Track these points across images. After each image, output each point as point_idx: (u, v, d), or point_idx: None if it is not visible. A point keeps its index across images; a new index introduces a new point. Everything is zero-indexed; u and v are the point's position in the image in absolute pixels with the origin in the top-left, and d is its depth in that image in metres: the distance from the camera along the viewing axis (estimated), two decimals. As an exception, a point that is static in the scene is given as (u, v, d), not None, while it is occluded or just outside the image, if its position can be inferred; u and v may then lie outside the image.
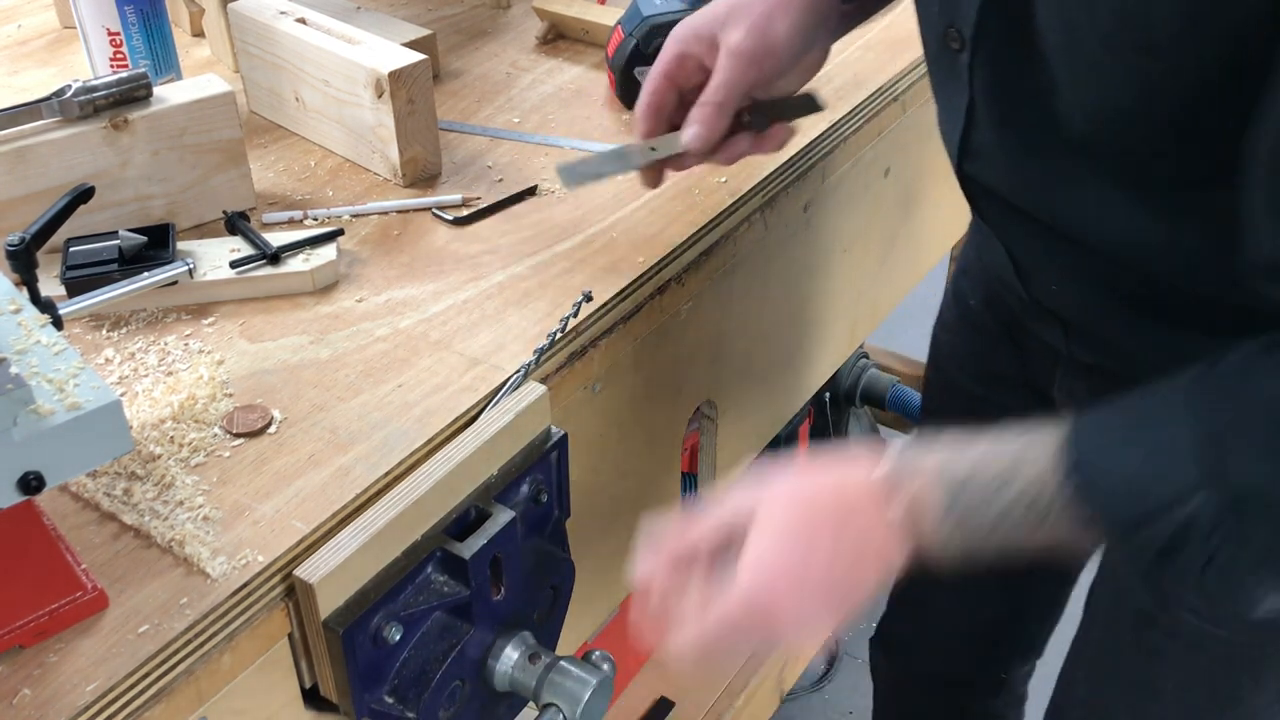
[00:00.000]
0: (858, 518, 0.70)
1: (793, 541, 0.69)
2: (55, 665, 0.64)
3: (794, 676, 1.83)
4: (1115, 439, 0.65)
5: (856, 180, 1.22)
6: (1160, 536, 0.63)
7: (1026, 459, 0.67)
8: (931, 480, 0.69)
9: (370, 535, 0.70)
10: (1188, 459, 0.62)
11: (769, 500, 0.71)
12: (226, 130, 0.99)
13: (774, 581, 0.69)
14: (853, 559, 0.70)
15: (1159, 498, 0.63)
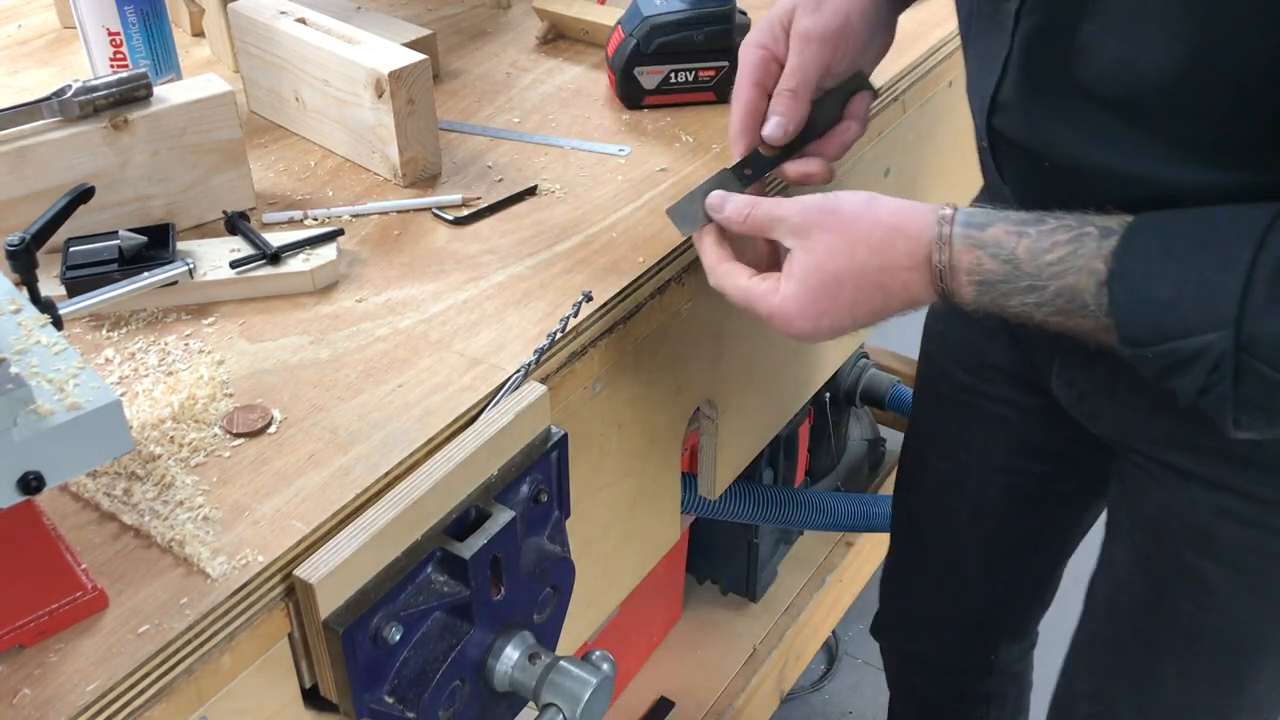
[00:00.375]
0: (896, 275, 0.77)
1: (825, 292, 0.77)
2: (55, 665, 0.64)
3: (794, 676, 1.84)
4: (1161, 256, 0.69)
5: (856, 180, 1.22)
6: (1169, 356, 0.69)
7: (1072, 265, 0.72)
8: (978, 259, 0.74)
9: (370, 535, 0.70)
10: (1227, 299, 0.67)
11: (821, 231, 0.78)
12: (226, 130, 0.99)
13: (799, 322, 0.79)
14: (879, 306, 0.78)
15: (1183, 324, 0.68)
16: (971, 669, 1.35)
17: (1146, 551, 0.97)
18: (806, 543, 1.87)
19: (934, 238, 0.75)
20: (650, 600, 1.65)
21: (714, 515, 1.53)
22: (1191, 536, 0.92)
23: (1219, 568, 0.91)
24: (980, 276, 0.75)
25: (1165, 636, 0.97)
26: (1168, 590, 0.95)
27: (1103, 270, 0.71)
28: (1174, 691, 0.99)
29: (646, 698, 1.65)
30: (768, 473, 1.70)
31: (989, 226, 0.75)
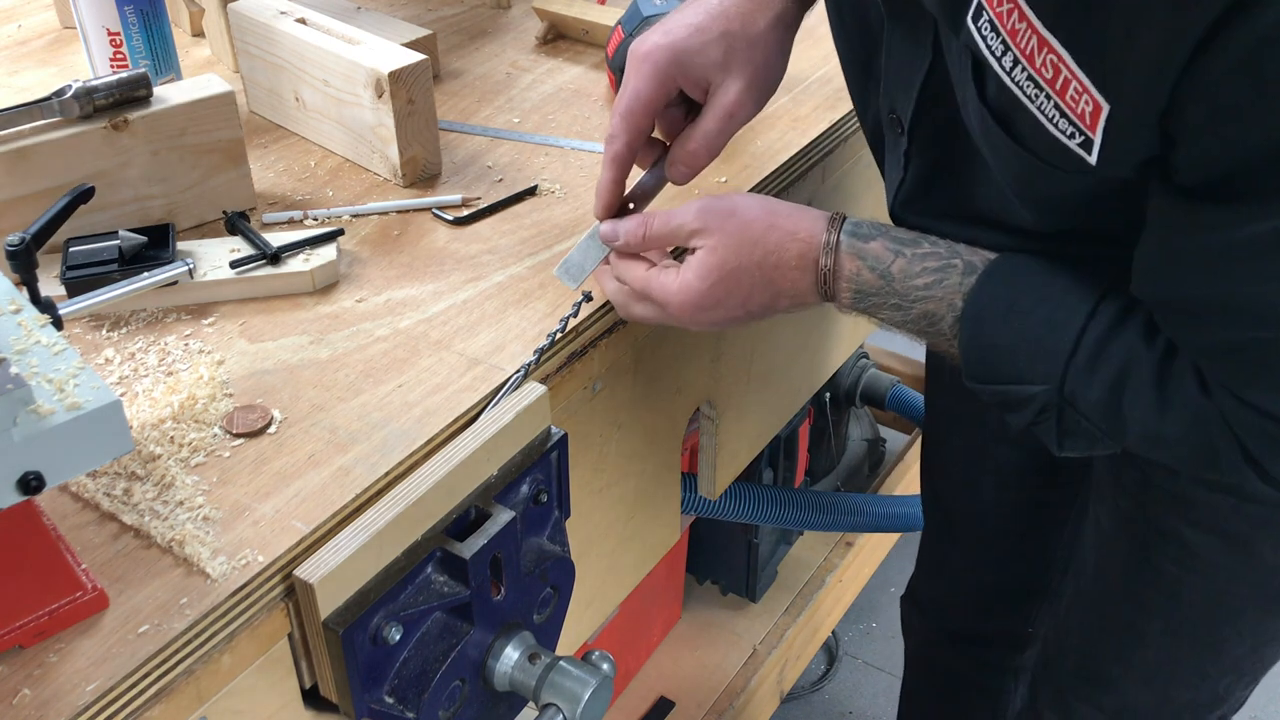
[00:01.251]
0: (785, 274, 0.83)
1: (720, 284, 0.82)
2: (55, 665, 0.64)
3: (794, 676, 1.84)
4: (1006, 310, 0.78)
5: (856, 180, 1.22)
6: (1003, 395, 0.79)
7: (934, 294, 0.80)
8: (857, 269, 0.81)
9: (370, 535, 0.70)
10: (1057, 359, 0.75)
11: (721, 233, 0.82)
12: (226, 130, 0.99)
13: (695, 310, 0.84)
14: (768, 302, 0.84)
15: (1016, 373, 0.78)
16: (1010, 641, 1.37)
17: (1130, 514, 0.99)
18: (806, 543, 1.87)
19: (822, 243, 0.82)
20: (650, 600, 1.65)
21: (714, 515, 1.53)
22: (1173, 502, 0.94)
23: (1199, 532, 0.94)
24: (857, 285, 0.82)
25: (1150, 595, 1.00)
26: (1152, 551, 0.98)
27: (959, 305, 0.79)
28: (1158, 649, 1.02)
29: (646, 698, 1.65)
30: (768, 473, 1.70)
31: (871, 240, 0.82)
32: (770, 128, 1.13)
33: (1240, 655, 1.00)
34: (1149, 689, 1.05)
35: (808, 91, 1.20)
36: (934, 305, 0.80)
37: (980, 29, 0.66)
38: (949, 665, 1.46)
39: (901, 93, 0.83)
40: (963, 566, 1.34)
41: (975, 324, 0.79)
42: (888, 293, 0.81)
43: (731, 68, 0.85)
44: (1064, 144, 0.66)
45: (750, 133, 1.13)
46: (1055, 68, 0.63)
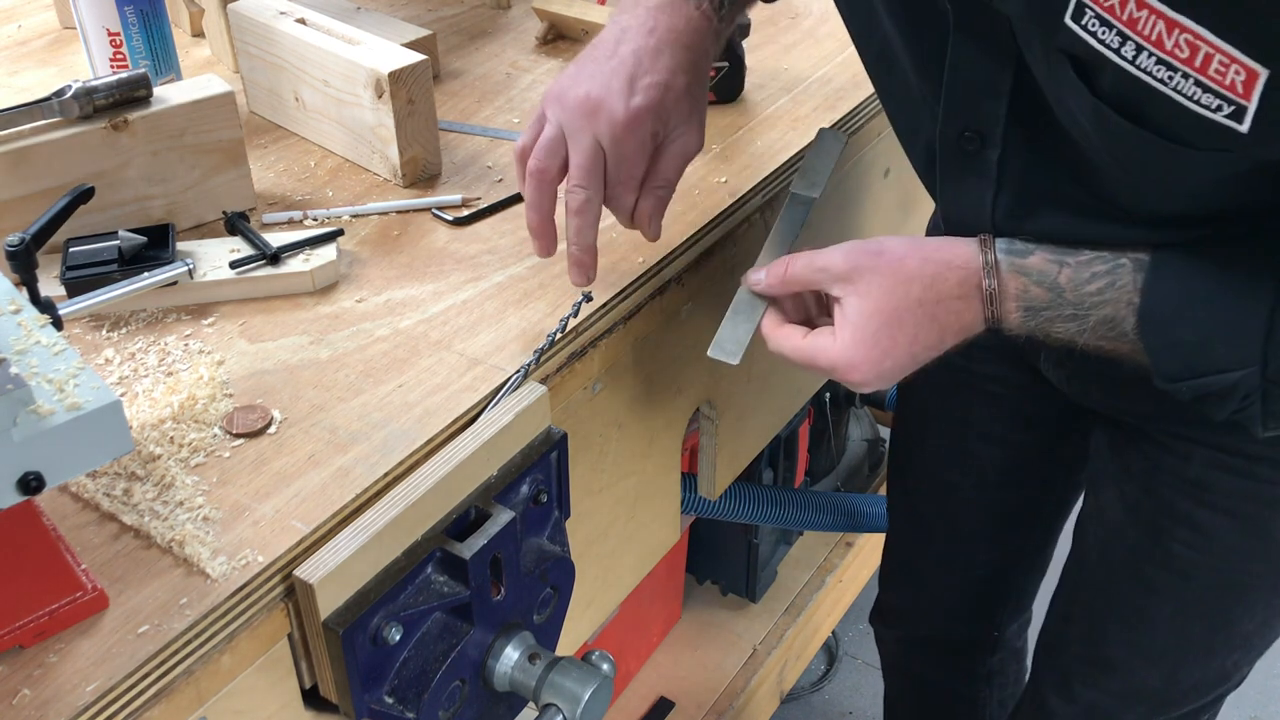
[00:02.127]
0: (950, 305, 0.79)
1: (884, 331, 0.79)
2: (55, 665, 0.64)
3: (794, 676, 1.84)
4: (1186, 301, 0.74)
5: (856, 180, 1.22)
6: (1202, 389, 0.75)
7: (1110, 296, 0.76)
8: (1024, 286, 0.78)
9: (370, 536, 0.70)
10: (1253, 340, 0.72)
11: (871, 273, 0.79)
12: (226, 130, 0.99)
13: (863, 366, 0.79)
14: (935, 340, 0.80)
15: (1213, 363, 0.74)
16: (976, 647, 1.37)
17: (1137, 499, 0.99)
18: (806, 543, 1.87)
19: (981, 265, 0.79)
20: (650, 600, 1.65)
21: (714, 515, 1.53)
22: (1184, 486, 0.95)
23: (1213, 513, 0.94)
24: (1027, 303, 0.78)
25: (1160, 578, 1.00)
26: (1163, 534, 0.98)
27: (1139, 302, 0.75)
28: (1167, 630, 1.02)
29: (646, 698, 1.65)
30: (768, 473, 1.70)
31: (1030, 254, 0.78)
32: (770, 128, 1.13)
33: (1249, 632, 1.01)
34: (1156, 670, 1.05)
35: (808, 91, 1.20)
36: (1112, 309, 0.76)
37: (1086, 26, 0.65)
38: (922, 674, 1.46)
39: (983, 103, 0.80)
40: (931, 571, 1.33)
41: (1157, 321, 0.75)
42: (1060, 304, 0.78)
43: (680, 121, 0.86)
44: (1209, 119, 0.63)
45: (750, 133, 1.13)
46: (1191, 46, 0.61)
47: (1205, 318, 0.74)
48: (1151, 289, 0.75)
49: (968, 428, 1.18)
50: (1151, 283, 0.75)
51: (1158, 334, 0.75)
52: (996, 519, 1.23)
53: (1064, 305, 0.77)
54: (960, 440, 1.20)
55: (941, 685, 1.44)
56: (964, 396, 1.17)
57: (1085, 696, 1.12)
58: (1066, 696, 1.13)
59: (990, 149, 0.81)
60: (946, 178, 0.86)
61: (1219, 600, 0.99)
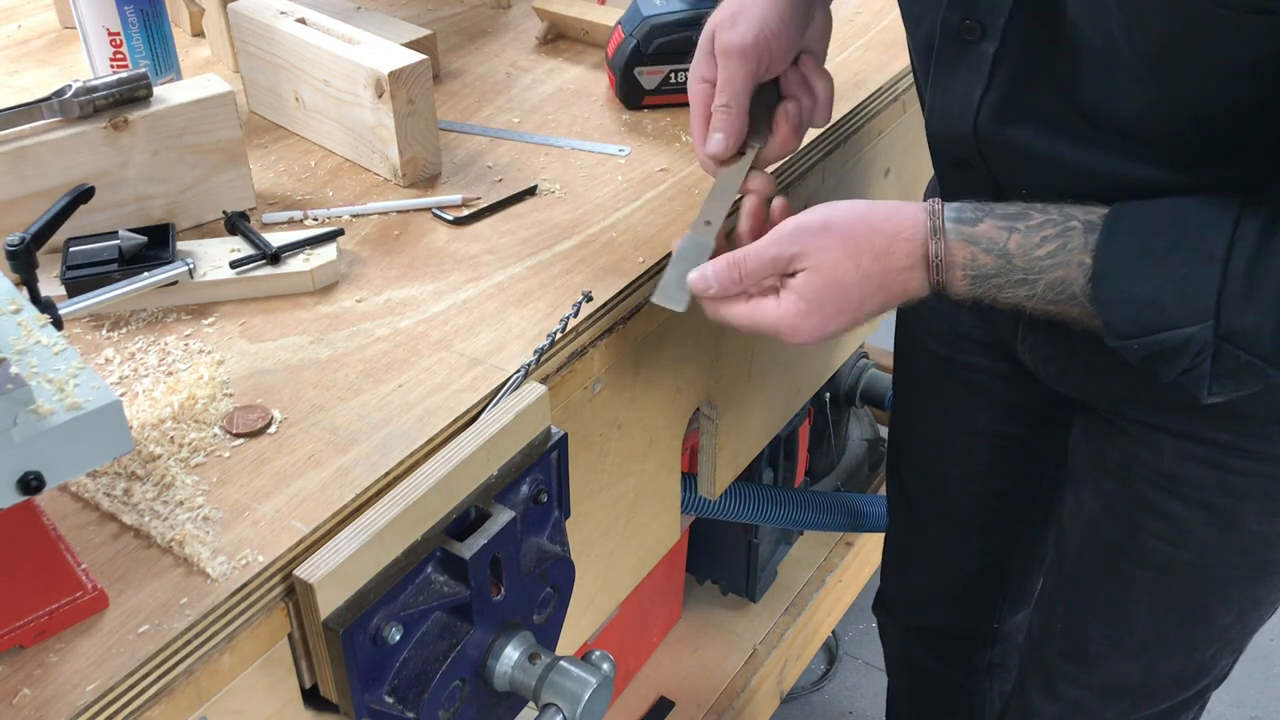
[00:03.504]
0: (896, 276, 0.80)
1: (831, 301, 0.81)
2: (55, 665, 0.64)
3: (794, 676, 1.84)
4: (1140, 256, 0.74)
5: (856, 180, 1.22)
6: (1153, 347, 0.75)
7: (1061, 259, 0.76)
8: (972, 254, 0.78)
9: (370, 535, 0.70)
10: (1206, 295, 0.72)
11: (819, 250, 0.80)
12: (226, 130, 0.99)
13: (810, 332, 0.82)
14: (879, 306, 0.82)
15: (1165, 319, 0.73)
16: (977, 638, 1.38)
17: (1113, 494, 1.00)
18: (806, 543, 1.87)
19: (927, 233, 0.79)
20: (650, 600, 1.65)
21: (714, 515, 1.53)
22: (1158, 479, 0.95)
23: (1187, 507, 0.95)
24: (974, 270, 0.79)
25: (1137, 573, 1.01)
26: (1139, 528, 0.98)
27: (1089, 264, 0.76)
28: (1145, 625, 1.03)
29: (646, 698, 1.65)
30: (768, 473, 1.70)
31: (979, 222, 0.79)
32: (770, 128, 1.13)
33: (1226, 624, 1.02)
34: (1136, 664, 1.06)
35: (808, 91, 1.20)
36: (1063, 271, 0.76)
37: None
38: (923, 666, 1.46)
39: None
40: (928, 563, 1.34)
41: (1110, 279, 0.75)
42: (1009, 270, 0.78)
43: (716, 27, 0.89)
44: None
45: (750, 133, 1.13)
46: None
47: (1158, 273, 0.73)
48: (1104, 247, 0.75)
49: (954, 420, 1.19)
50: (1104, 240, 0.75)
51: (1110, 290, 0.75)
52: (987, 510, 1.24)
53: (1013, 271, 0.78)
54: (947, 433, 1.21)
55: (942, 677, 1.45)
56: (949, 389, 1.18)
57: (1068, 694, 1.12)
58: (1050, 694, 1.14)
59: (988, 41, 0.81)
60: (940, 69, 0.86)
61: (1195, 594, 1.00)
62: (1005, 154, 0.85)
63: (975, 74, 0.83)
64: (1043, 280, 0.77)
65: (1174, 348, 0.74)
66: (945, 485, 1.24)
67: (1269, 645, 2.07)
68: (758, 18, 0.89)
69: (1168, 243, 0.74)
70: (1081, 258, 0.76)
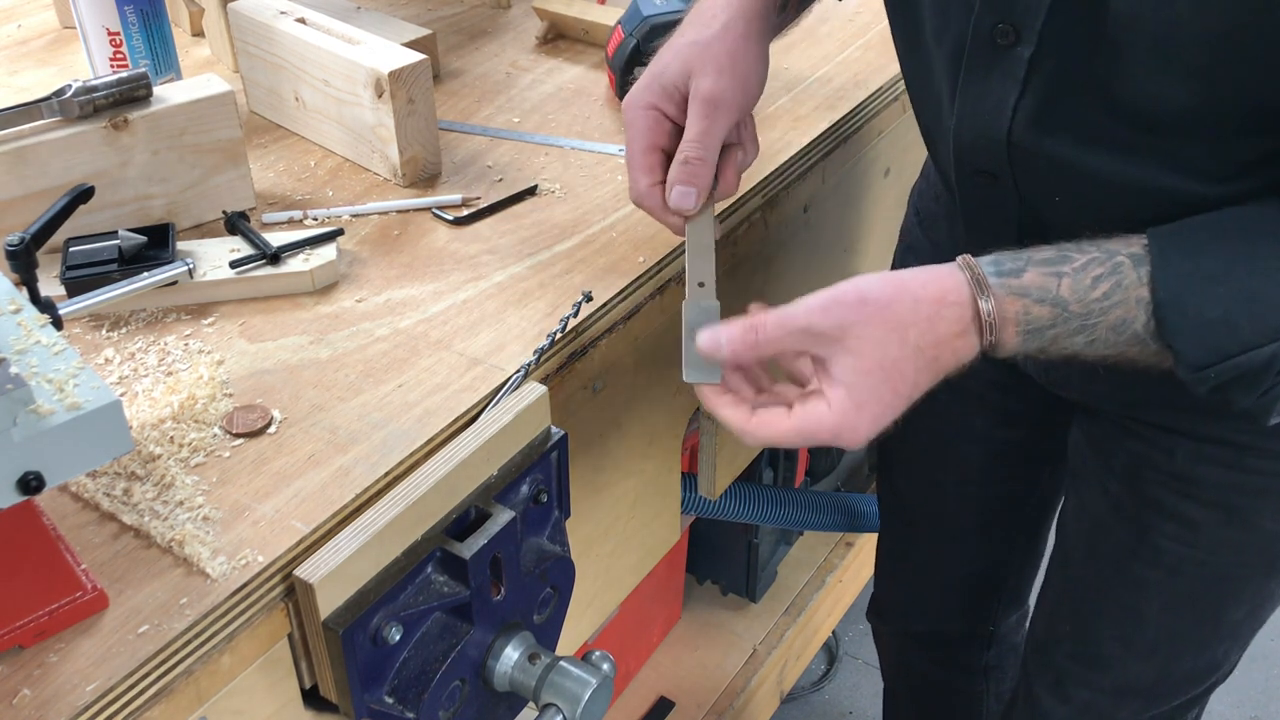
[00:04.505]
0: (949, 345, 0.73)
1: (884, 386, 0.72)
2: (55, 665, 0.64)
3: (794, 676, 1.84)
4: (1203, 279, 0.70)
5: (856, 180, 1.22)
6: (1231, 371, 0.70)
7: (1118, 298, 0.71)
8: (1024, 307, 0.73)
9: (370, 535, 0.70)
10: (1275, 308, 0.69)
11: (860, 326, 0.72)
12: (226, 130, 0.99)
13: (862, 422, 0.73)
14: (931, 380, 0.74)
15: (1240, 341, 0.69)
16: (972, 641, 1.38)
17: (1121, 496, 0.99)
18: (806, 543, 1.87)
19: (973, 292, 0.73)
20: (650, 600, 1.65)
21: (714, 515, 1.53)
22: (1171, 481, 0.94)
23: (1200, 507, 0.94)
24: (1029, 325, 0.73)
25: (1149, 574, 1.00)
26: (1149, 530, 0.98)
27: (1148, 297, 0.71)
28: (1157, 625, 1.02)
29: (646, 698, 1.65)
30: (768, 473, 1.70)
31: (1023, 272, 0.73)
32: (770, 128, 1.13)
33: (1238, 620, 1.02)
34: (1149, 665, 1.06)
35: (808, 91, 1.20)
36: (1121, 311, 0.72)
37: None
38: (920, 670, 1.46)
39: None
40: (923, 567, 1.33)
41: (1175, 307, 0.70)
42: (1066, 318, 0.72)
43: (700, 69, 0.85)
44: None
45: (750, 133, 1.13)
46: None
47: (1224, 294, 0.69)
48: (1160, 276, 0.71)
49: (948, 425, 1.18)
50: (1159, 269, 0.71)
51: (1178, 319, 0.70)
52: (982, 515, 1.24)
53: (1070, 319, 0.72)
54: (942, 437, 1.20)
55: (939, 680, 1.44)
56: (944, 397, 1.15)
57: (1079, 696, 1.12)
58: (1061, 697, 1.14)
59: (1024, 45, 0.76)
60: (971, 77, 0.81)
61: (1209, 593, 0.99)
62: (1036, 165, 0.81)
63: (1010, 80, 0.79)
64: (1102, 324, 0.72)
65: (1258, 369, 0.70)
66: (940, 491, 1.24)
67: (1269, 645, 2.07)
68: (746, 72, 0.87)
69: (1222, 261, 0.70)
70: (1139, 293, 0.71)
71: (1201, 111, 0.72)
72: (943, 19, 0.83)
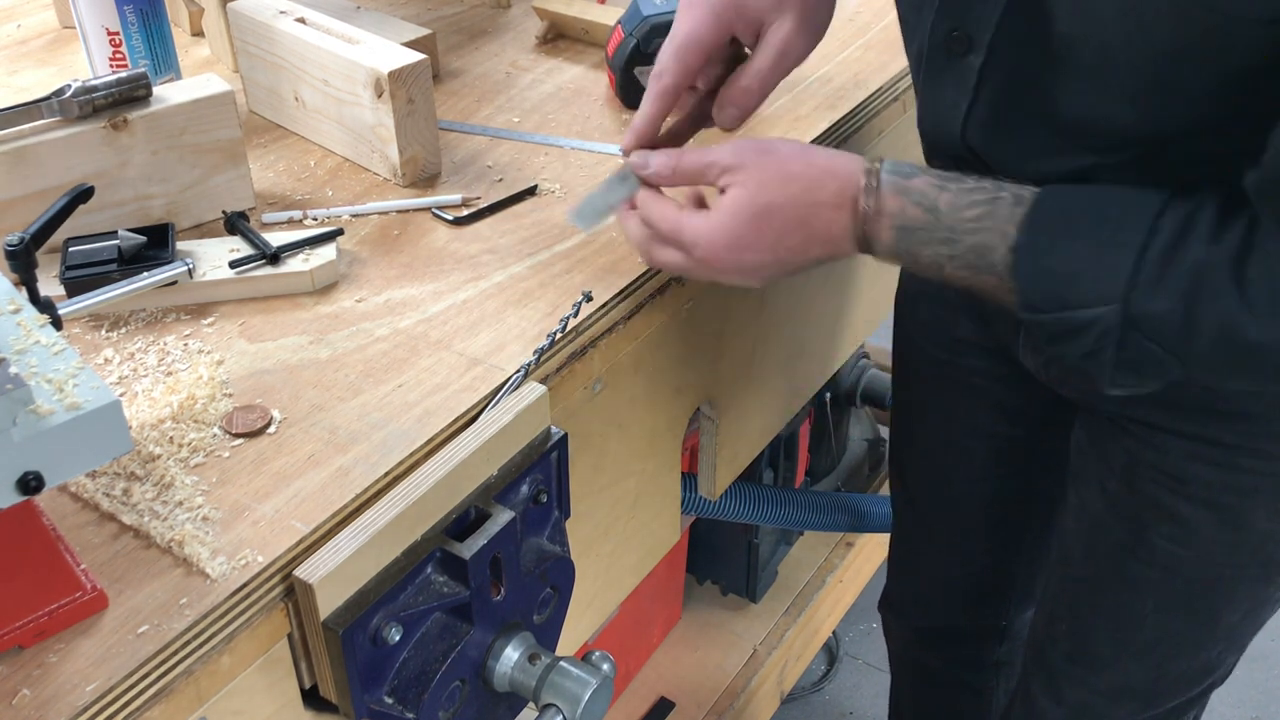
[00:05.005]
0: (821, 213, 0.80)
1: (753, 223, 0.80)
2: (55, 665, 0.63)
3: (794, 676, 1.84)
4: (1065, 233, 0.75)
5: (856, 180, 1.22)
6: (1062, 324, 0.75)
7: (986, 224, 0.77)
8: (902, 205, 0.78)
9: (370, 535, 0.70)
10: (1119, 276, 0.72)
11: (751, 170, 0.80)
12: (226, 130, 0.99)
13: (726, 250, 0.81)
14: (799, 244, 0.81)
15: (1077, 297, 0.74)
16: (983, 636, 1.38)
17: (1118, 494, 1.00)
18: (806, 543, 1.87)
19: (863, 183, 0.79)
20: (650, 600, 1.65)
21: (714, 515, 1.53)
22: (1164, 479, 0.95)
23: (1193, 506, 0.94)
24: (902, 221, 0.78)
25: (1143, 573, 1.00)
26: (1144, 528, 0.98)
27: (1013, 234, 0.76)
28: (1151, 625, 1.02)
29: (646, 698, 1.65)
30: (768, 473, 1.70)
31: (914, 176, 0.79)
32: (770, 128, 1.13)
33: (1233, 623, 1.02)
34: (1143, 665, 1.06)
35: (808, 91, 1.20)
36: (986, 236, 0.77)
37: None
38: (930, 665, 1.46)
39: (976, 5, 0.80)
40: (935, 563, 1.34)
41: (1030, 250, 0.75)
42: (935, 226, 0.78)
43: (784, 8, 0.86)
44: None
45: (750, 132, 1.13)
46: None
47: (1077, 251, 0.74)
48: (1029, 220, 0.75)
49: (955, 422, 1.19)
50: (1030, 214, 0.75)
51: (1028, 261, 0.75)
52: (991, 510, 1.24)
53: (939, 228, 0.78)
54: (949, 434, 1.21)
55: (949, 675, 1.45)
56: (950, 392, 1.18)
57: (1074, 695, 1.12)
58: (1055, 697, 1.14)
59: (975, 54, 0.81)
60: (929, 79, 0.87)
61: (1203, 593, 0.99)
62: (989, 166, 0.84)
63: (962, 87, 0.83)
64: (965, 241, 0.77)
65: (1080, 326, 0.74)
66: (949, 486, 1.25)
67: (1269, 645, 2.07)
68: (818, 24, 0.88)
69: (1091, 224, 0.74)
70: (1006, 227, 0.76)
71: (1135, 130, 0.76)
72: (913, 20, 0.88)
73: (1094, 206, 0.75)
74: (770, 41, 0.86)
